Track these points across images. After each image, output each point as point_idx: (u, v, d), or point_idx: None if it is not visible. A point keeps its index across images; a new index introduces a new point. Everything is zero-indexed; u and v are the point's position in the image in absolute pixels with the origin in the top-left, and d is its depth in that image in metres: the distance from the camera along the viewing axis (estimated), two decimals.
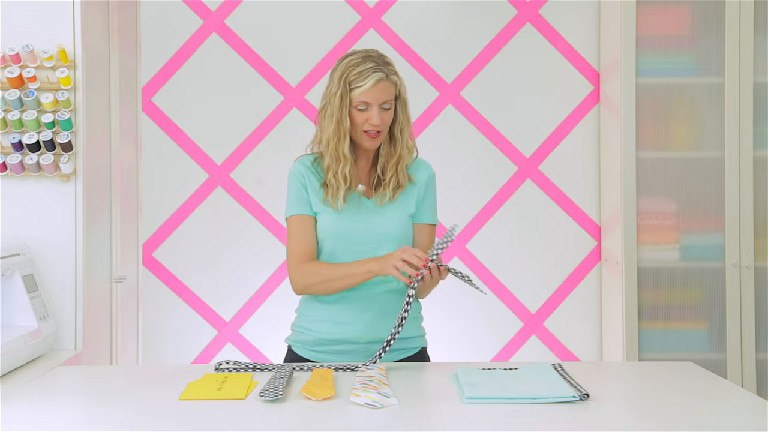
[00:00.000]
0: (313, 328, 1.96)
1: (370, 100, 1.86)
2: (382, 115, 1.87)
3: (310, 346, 1.97)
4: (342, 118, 1.88)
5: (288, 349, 2.03)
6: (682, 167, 2.81)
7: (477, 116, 3.08)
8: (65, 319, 2.24)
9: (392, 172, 1.94)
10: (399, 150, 1.94)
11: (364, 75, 1.86)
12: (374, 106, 1.86)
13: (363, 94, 1.86)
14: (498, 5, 3.08)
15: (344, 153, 1.90)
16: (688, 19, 2.81)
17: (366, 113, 1.87)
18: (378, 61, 1.88)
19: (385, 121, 1.89)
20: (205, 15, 3.05)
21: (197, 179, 3.06)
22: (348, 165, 1.91)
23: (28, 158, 2.20)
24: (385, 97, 1.87)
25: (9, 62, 2.20)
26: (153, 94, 3.04)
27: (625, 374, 1.99)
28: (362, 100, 1.86)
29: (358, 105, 1.87)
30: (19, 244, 2.16)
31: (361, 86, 1.85)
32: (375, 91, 1.86)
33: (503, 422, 1.46)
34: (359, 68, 1.87)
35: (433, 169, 2.03)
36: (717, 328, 2.79)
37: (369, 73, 1.85)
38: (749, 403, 1.61)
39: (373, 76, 1.85)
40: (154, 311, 3.03)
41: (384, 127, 1.90)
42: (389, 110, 1.89)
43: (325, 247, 1.95)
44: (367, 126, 1.88)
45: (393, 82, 1.89)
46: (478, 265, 3.08)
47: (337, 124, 1.89)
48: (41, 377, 1.87)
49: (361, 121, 1.88)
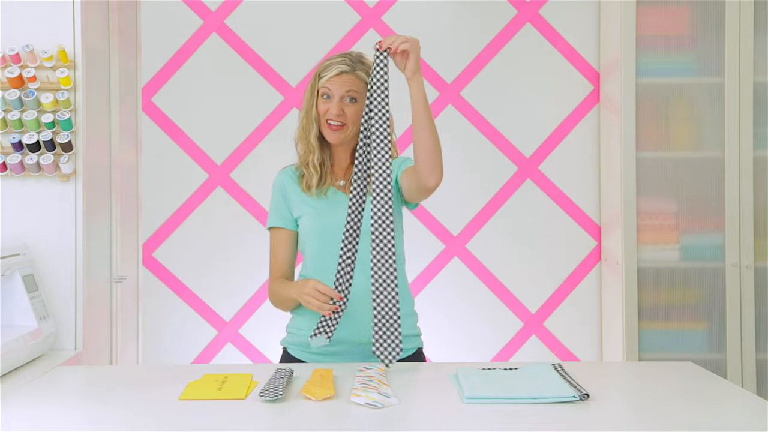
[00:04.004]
0: (308, 328, 1.94)
1: (331, 88, 1.92)
2: (344, 107, 1.91)
3: (305, 347, 1.96)
4: (310, 108, 1.96)
5: (283, 351, 2.03)
6: (682, 167, 2.81)
7: (477, 116, 3.08)
8: (65, 319, 2.24)
9: None
10: None
11: (330, 66, 1.93)
12: (335, 97, 1.91)
13: (326, 81, 1.92)
14: (498, 5, 3.08)
15: (311, 142, 1.95)
16: (688, 19, 2.81)
17: (328, 103, 1.93)
18: (351, 57, 1.94)
19: (348, 115, 1.92)
20: (205, 15, 3.05)
21: (197, 179, 3.06)
22: (316, 154, 1.96)
23: (28, 158, 2.20)
24: (347, 87, 1.91)
25: (9, 62, 2.20)
26: (153, 94, 3.04)
27: (625, 374, 1.98)
28: (325, 86, 1.92)
29: (323, 94, 1.93)
30: (19, 244, 2.17)
31: (325, 75, 1.92)
32: (337, 81, 1.91)
33: (503, 422, 1.46)
34: (329, 61, 1.95)
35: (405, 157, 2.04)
36: (717, 328, 2.79)
37: (335, 65, 1.92)
38: (749, 403, 1.61)
39: (337, 67, 1.91)
40: (154, 311, 3.03)
41: (348, 121, 1.92)
42: (354, 103, 1.92)
43: (309, 249, 1.97)
44: (329, 115, 1.92)
45: (360, 78, 1.92)
46: (478, 265, 3.08)
47: (306, 113, 1.97)
48: (41, 377, 1.87)
49: (323, 111, 1.93)
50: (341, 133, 1.94)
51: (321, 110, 1.94)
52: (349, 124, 1.93)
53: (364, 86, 1.93)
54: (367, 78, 1.92)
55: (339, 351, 1.93)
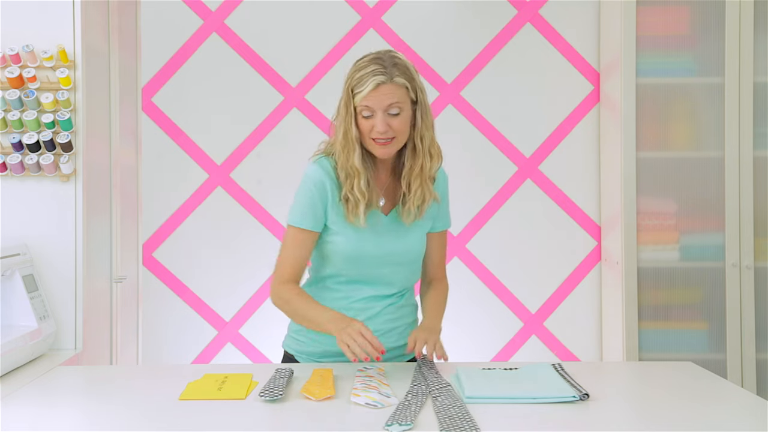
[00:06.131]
0: (320, 339, 1.88)
1: (372, 104, 1.74)
2: (389, 121, 1.74)
3: (317, 357, 1.91)
4: (348, 129, 1.77)
5: (285, 356, 1.97)
6: (682, 167, 2.81)
7: (477, 116, 3.08)
8: (65, 319, 2.24)
9: (417, 184, 1.82)
10: (421, 159, 1.81)
11: (364, 79, 1.74)
12: (378, 112, 1.74)
13: (364, 99, 1.74)
14: (498, 5, 3.08)
15: (355, 166, 1.78)
16: (688, 19, 2.81)
17: (371, 120, 1.75)
18: (384, 63, 1.75)
19: (395, 128, 1.75)
20: (205, 15, 3.05)
21: (197, 179, 3.06)
22: (362, 178, 1.78)
23: (28, 158, 2.20)
24: (389, 101, 1.73)
25: (9, 62, 2.20)
26: (153, 94, 3.04)
27: (625, 374, 1.98)
28: (365, 105, 1.74)
29: (362, 111, 1.75)
30: (19, 244, 2.16)
31: (361, 91, 1.74)
32: (376, 95, 1.73)
33: (503, 422, 1.46)
34: (361, 72, 1.75)
35: (445, 173, 1.96)
36: (717, 328, 2.79)
37: (369, 77, 1.73)
38: (749, 403, 1.61)
39: (372, 80, 1.72)
40: (154, 311, 3.03)
41: (396, 134, 1.76)
42: (398, 115, 1.75)
43: (331, 264, 1.86)
44: (374, 134, 1.75)
45: (399, 84, 1.74)
46: (478, 265, 3.08)
47: (344, 136, 1.78)
48: (41, 377, 1.87)
49: (368, 129, 1.76)
50: (392, 147, 1.78)
51: (364, 129, 1.76)
52: (398, 136, 1.77)
53: (404, 92, 1.75)
54: (405, 83, 1.75)
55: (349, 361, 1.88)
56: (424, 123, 1.81)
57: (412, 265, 1.92)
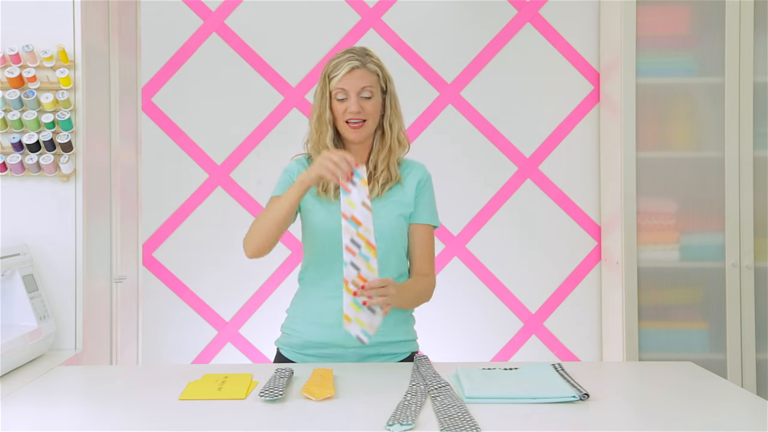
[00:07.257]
0: (302, 330, 1.93)
1: (346, 87, 1.87)
2: (362, 104, 1.88)
3: (297, 349, 1.94)
4: (323, 112, 1.91)
5: (276, 352, 2.02)
6: (682, 167, 2.81)
7: (477, 116, 3.08)
8: (65, 319, 2.23)
9: (383, 166, 1.93)
10: (389, 143, 1.94)
11: (340, 65, 1.88)
12: (352, 95, 1.87)
13: (339, 82, 1.88)
14: (498, 5, 3.08)
15: (326, 144, 1.91)
16: (688, 19, 2.81)
17: (345, 102, 1.88)
18: (357, 52, 1.91)
19: (367, 110, 1.89)
20: (205, 15, 3.05)
21: (197, 179, 3.06)
22: None
23: (28, 158, 2.20)
24: (362, 84, 1.87)
25: (9, 62, 2.20)
26: (153, 94, 3.04)
27: (625, 374, 1.98)
28: (339, 87, 1.88)
29: (337, 94, 1.89)
30: (19, 244, 2.16)
31: (337, 75, 1.88)
32: (350, 78, 1.87)
33: (503, 422, 1.46)
34: (336, 60, 1.90)
35: (428, 172, 2.00)
36: (717, 328, 2.79)
37: (344, 63, 1.88)
38: (749, 403, 1.61)
39: (347, 65, 1.87)
40: (154, 311, 3.03)
41: (367, 116, 1.89)
42: (370, 99, 1.89)
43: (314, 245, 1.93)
44: (348, 115, 1.88)
45: (371, 71, 1.89)
46: (478, 265, 3.08)
47: (319, 119, 1.92)
48: (41, 377, 1.87)
49: (342, 111, 1.89)
50: (363, 130, 1.90)
51: (338, 111, 1.90)
52: (369, 119, 1.90)
53: (376, 79, 1.90)
54: (377, 70, 1.90)
55: (332, 354, 1.92)
56: (393, 111, 1.96)
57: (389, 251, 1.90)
